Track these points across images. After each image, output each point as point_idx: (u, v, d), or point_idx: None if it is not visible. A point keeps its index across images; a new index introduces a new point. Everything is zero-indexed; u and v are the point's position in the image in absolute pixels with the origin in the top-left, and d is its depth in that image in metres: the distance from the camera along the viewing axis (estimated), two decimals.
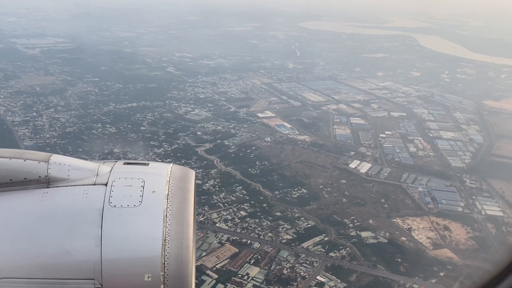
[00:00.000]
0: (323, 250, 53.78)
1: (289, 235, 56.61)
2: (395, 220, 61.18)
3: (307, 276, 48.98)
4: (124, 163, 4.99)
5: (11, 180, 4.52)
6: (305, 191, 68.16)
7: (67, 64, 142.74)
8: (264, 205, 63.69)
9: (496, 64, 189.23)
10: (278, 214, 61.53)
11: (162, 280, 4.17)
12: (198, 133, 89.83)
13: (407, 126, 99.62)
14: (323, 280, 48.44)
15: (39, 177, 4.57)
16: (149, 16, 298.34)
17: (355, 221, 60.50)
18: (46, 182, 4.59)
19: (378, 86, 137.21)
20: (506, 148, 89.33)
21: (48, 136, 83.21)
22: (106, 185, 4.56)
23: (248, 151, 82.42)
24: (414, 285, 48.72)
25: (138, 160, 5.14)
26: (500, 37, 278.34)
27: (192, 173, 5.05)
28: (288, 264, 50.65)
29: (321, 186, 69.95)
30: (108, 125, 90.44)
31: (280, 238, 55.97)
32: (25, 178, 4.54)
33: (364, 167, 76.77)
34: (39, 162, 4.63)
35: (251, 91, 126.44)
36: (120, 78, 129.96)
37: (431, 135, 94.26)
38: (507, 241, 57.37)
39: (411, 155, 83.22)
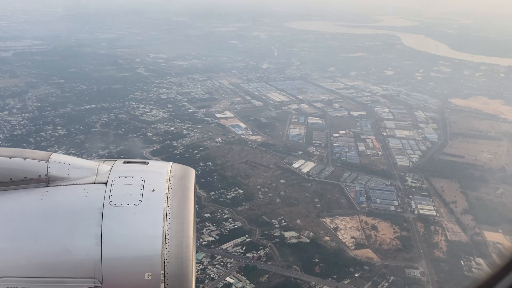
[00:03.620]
0: (241, 251, 53.30)
1: (212, 236, 56.09)
2: (323, 219, 60.65)
3: (216, 278, 48.49)
4: (124, 162, 4.99)
5: (11, 179, 4.51)
6: (241, 191, 67.68)
7: (36, 66, 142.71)
8: (196, 206, 62.97)
9: (475, 62, 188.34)
10: (207, 215, 61.00)
11: (162, 278, 4.16)
12: (149, 134, 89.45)
13: (363, 125, 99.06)
14: (231, 281, 47.96)
15: (39, 176, 4.57)
16: (135, 17, 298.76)
17: (283, 221, 59.99)
18: (46, 181, 4.58)
19: (346, 85, 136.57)
20: (458, 147, 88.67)
21: None
22: (106, 184, 4.55)
23: (195, 152, 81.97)
24: (325, 287, 48.15)
25: (138, 159, 5.14)
26: (487, 35, 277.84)
27: (192, 172, 5.05)
28: (201, 266, 50.12)
29: (258, 187, 69.45)
30: (59, 127, 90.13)
31: (201, 240, 55.40)
32: (25, 177, 4.54)
33: (307, 167, 76.26)
34: (39, 161, 4.63)
35: (216, 91, 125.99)
36: (86, 79, 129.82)
37: (384, 134, 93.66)
38: (431, 241, 56.77)
39: (358, 154, 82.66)
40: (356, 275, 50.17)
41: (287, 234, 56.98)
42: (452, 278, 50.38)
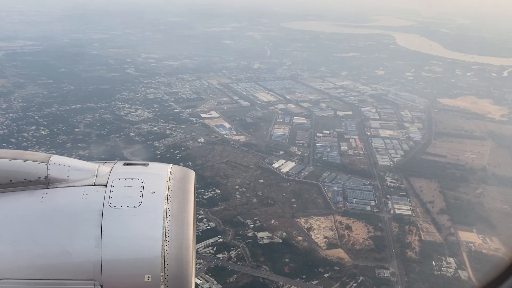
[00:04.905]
0: (212, 252, 53.11)
1: None
2: (298, 220, 60.41)
3: None
4: (124, 164, 5.01)
5: (11, 181, 4.51)
6: (218, 191, 67.49)
7: (26, 67, 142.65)
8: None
9: (467, 62, 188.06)
10: None
11: (162, 280, 4.17)
12: (131, 134, 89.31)
13: (348, 125, 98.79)
14: (199, 282, 47.70)
15: (39, 178, 4.57)
16: (131, 17, 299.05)
17: (258, 221, 59.79)
18: (46, 183, 4.59)
19: (335, 85, 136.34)
20: (442, 146, 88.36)
21: None
22: (106, 185, 4.57)
23: (176, 152, 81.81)
24: (293, 287, 47.96)
25: (138, 161, 5.14)
26: (483, 35, 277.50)
27: (192, 174, 5.07)
28: None
29: (236, 187, 69.26)
30: (42, 128, 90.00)
31: None
32: (25, 179, 4.54)
33: (287, 167, 76.04)
34: (38, 163, 4.63)
35: (205, 91, 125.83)
36: (74, 80, 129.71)
37: (368, 133, 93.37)
38: (405, 241, 56.51)
39: (340, 154, 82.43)
40: (326, 275, 49.97)
41: (260, 234, 56.81)
42: (422, 278, 50.14)
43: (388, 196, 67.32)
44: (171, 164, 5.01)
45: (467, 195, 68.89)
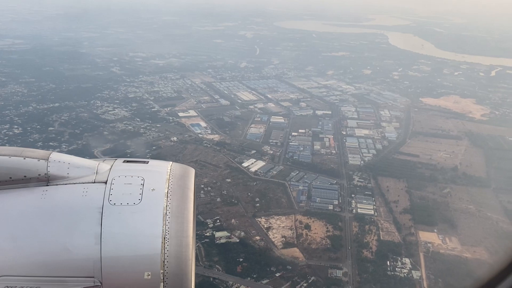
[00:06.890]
0: None
1: None
2: (259, 219, 60.13)
3: None
4: (124, 161, 5.02)
5: (10, 178, 4.51)
6: None
7: (10, 66, 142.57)
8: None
9: (457, 61, 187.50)
10: None
11: (162, 278, 4.18)
12: (105, 133, 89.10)
13: (325, 124, 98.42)
14: None
15: (39, 175, 4.58)
16: (125, 16, 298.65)
17: (218, 221, 59.53)
18: (45, 180, 4.59)
19: (319, 84, 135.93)
20: (416, 146, 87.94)
21: None
22: (105, 183, 4.58)
23: (147, 151, 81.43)
24: (242, 286, 47.72)
25: (138, 158, 5.13)
26: (477, 34, 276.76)
27: (192, 171, 5.10)
28: None
29: (202, 186, 68.96)
30: (16, 126, 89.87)
31: None
32: (25, 176, 4.54)
33: (256, 166, 75.76)
34: (38, 160, 4.63)
35: (186, 90, 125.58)
36: (57, 78, 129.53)
37: (344, 133, 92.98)
38: (363, 241, 56.17)
39: (312, 153, 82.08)
40: (277, 274, 49.71)
41: (218, 234, 56.54)
42: (374, 279, 49.80)
43: (353, 195, 66.98)
44: (171, 162, 4.99)
45: (434, 194, 68.52)
